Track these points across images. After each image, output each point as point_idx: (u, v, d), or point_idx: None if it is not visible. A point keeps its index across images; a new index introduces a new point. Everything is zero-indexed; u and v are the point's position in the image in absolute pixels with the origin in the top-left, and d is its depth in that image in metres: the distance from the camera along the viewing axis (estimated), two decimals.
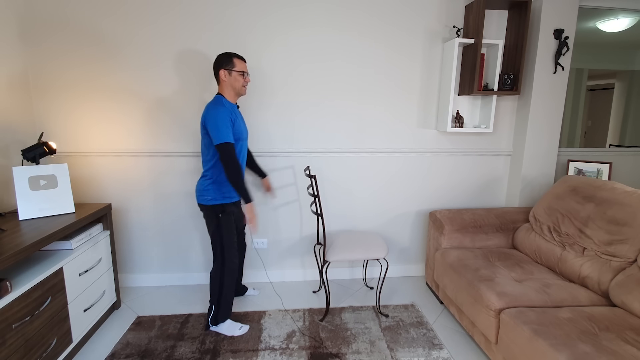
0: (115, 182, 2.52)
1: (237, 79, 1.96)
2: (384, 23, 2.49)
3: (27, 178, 1.92)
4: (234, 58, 1.95)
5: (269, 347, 1.99)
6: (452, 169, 2.76)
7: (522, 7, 2.39)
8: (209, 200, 1.99)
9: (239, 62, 1.96)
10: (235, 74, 1.95)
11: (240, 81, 1.97)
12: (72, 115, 2.41)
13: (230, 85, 1.97)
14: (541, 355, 1.40)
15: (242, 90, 2.00)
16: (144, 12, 2.32)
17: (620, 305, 1.66)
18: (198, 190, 2.03)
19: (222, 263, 2.03)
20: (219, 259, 2.04)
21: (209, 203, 1.99)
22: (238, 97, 2.04)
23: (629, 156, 2.93)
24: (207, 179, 2.00)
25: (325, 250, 2.21)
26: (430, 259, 2.55)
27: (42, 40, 2.30)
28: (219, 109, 1.88)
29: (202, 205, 2.03)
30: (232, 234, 2.04)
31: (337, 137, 2.61)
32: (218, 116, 1.85)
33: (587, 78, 3.35)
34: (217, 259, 2.05)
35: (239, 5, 2.37)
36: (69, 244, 1.90)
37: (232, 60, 1.94)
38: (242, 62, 1.99)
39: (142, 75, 2.39)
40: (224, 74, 1.94)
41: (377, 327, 2.17)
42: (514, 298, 1.72)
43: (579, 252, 1.95)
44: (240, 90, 2.00)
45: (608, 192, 1.96)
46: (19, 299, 1.49)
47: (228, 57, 1.94)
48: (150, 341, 2.03)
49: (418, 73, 2.59)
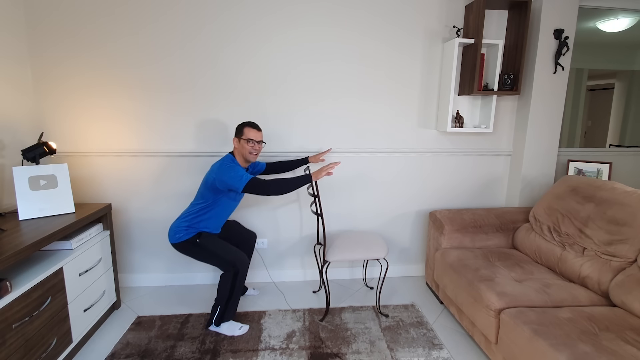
0: (115, 182, 2.52)
1: (245, 146, 2.07)
2: (384, 23, 2.49)
3: (27, 178, 1.92)
4: (245, 127, 2.07)
5: (269, 347, 1.99)
6: (452, 169, 2.76)
7: (522, 7, 2.39)
8: (180, 237, 2.04)
9: (249, 130, 2.07)
10: (243, 141, 2.06)
11: (247, 148, 2.07)
12: (72, 115, 2.41)
13: (239, 152, 2.10)
14: (541, 355, 1.40)
15: (249, 157, 2.10)
16: (144, 12, 2.32)
17: (620, 305, 1.66)
18: (171, 231, 2.08)
19: (234, 266, 2.03)
20: (229, 267, 2.04)
21: (181, 240, 2.04)
22: (247, 163, 2.15)
23: (629, 156, 2.93)
24: (182, 220, 2.07)
25: (325, 250, 2.21)
26: (430, 259, 2.55)
27: (42, 41, 2.30)
28: (234, 165, 2.01)
29: (175, 244, 2.07)
30: (222, 244, 2.06)
31: (337, 137, 2.61)
32: (234, 168, 1.99)
33: (587, 78, 3.35)
34: (228, 269, 2.05)
35: (239, 4, 2.37)
36: (69, 244, 1.90)
37: (243, 128, 2.07)
38: (254, 131, 2.08)
39: (142, 75, 2.39)
40: (235, 141, 2.10)
41: (377, 327, 2.17)
42: (514, 298, 1.72)
43: (579, 252, 1.95)
44: (248, 157, 2.09)
45: (608, 192, 1.96)
46: (19, 299, 1.49)
47: (240, 127, 2.09)
48: (150, 341, 2.03)
49: (418, 73, 2.59)
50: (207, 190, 2.06)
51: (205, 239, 2.05)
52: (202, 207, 2.07)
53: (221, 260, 2.04)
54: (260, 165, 2.37)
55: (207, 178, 2.06)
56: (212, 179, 2.02)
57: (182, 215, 2.10)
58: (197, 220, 2.07)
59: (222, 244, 2.06)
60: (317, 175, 2.02)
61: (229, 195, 2.09)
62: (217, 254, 2.03)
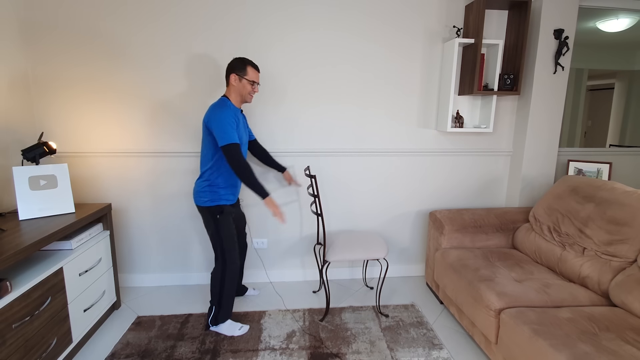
0: (115, 182, 2.52)
1: (246, 86, 1.99)
2: (384, 23, 2.49)
3: (27, 178, 1.92)
4: (247, 66, 1.98)
5: (269, 347, 1.99)
6: (452, 169, 2.76)
7: (522, 7, 2.39)
8: (205, 201, 1.99)
9: (252, 70, 1.99)
10: (245, 81, 1.98)
11: (248, 89, 2.00)
12: (72, 115, 2.41)
13: (238, 91, 2.00)
14: (541, 355, 1.40)
15: (248, 98, 2.04)
16: (145, 12, 2.32)
17: (620, 305, 1.66)
18: (195, 192, 2.03)
19: (224, 264, 2.03)
20: (220, 259, 2.04)
21: (206, 204, 2.00)
22: (243, 103, 2.07)
23: (629, 156, 2.93)
24: (203, 180, 2.01)
25: (325, 250, 2.21)
26: (430, 259, 2.55)
27: (42, 40, 2.30)
28: (225, 110, 1.89)
29: (199, 206, 2.03)
30: (232, 234, 2.04)
31: (337, 137, 2.61)
32: (223, 117, 1.87)
33: (587, 78, 3.35)
34: (219, 260, 2.05)
35: (240, 5, 2.37)
36: (69, 244, 1.90)
37: (246, 67, 1.98)
38: (255, 72, 2.02)
39: (142, 75, 2.39)
40: (234, 78, 1.97)
41: (377, 327, 2.17)
42: (514, 298, 1.72)
43: (579, 252, 1.95)
44: (246, 98, 2.04)
45: (608, 192, 1.96)
46: (19, 299, 1.49)
47: (242, 64, 1.97)
48: (150, 341, 2.03)
49: (418, 73, 2.59)
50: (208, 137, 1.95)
51: (224, 219, 2.00)
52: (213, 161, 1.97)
53: (221, 248, 2.02)
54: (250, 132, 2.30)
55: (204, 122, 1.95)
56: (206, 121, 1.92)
57: (201, 174, 2.02)
58: (214, 177, 1.98)
59: (232, 237, 2.03)
60: (269, 203, 1.95)
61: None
62: (221, 241, 2.01)
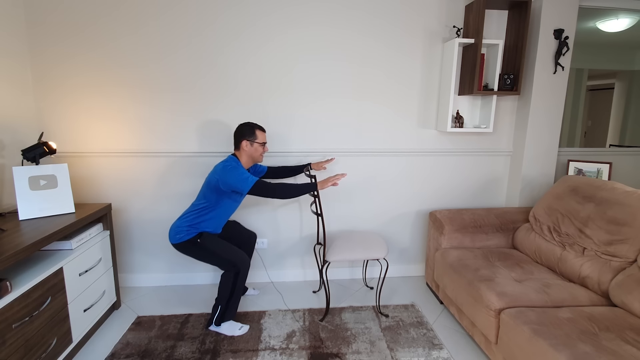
0: (115, 182, 2.52)
1: (258, 149, 2.12)
2: (384, 23, 2.49)
3: (27, 178, 1.92)
4: (256, 130, 2.10)
5: (269, 347, 1.99)
6: (452, 169, 2.76)
7: (522, 7, 2.39)
8: (181, 238, 2.04)
9: (260, 133, 2.11)
10: (257, 145, 2.10)
11: (260, 151, 2.12)
12: (72, 115, 2.41)
13: (250, 155, 2.12)
14: (541, 355, 1.40)
15: (259, 159, 2.17)
16: (145, 11, 2.32)
17: (620, 305, 1.66)
18: (172, 231, 2.07)
19: (234, 266, 2.03)
20: (230, 267, 2.04)
21: (182, 240, 2.04)
22: (253, 164, 2.19)
23: (629, 156, 2.93)
24: (183, 220, 2.06)
25: (325, 250, 2.21)
26: (430, 259, 2.55)
27: (42, 40, 2.30)
28: (239, 167, 2.03)
29: (176, 244, 2.06)
30: (222, 244, 2.06)
31: (337, 137, 2.61)
32: (239, 170, 2.00)
33: (587, 78, 3.35)
34: (229, 269, 2.05)
35: (239, 3, 2.37)
36: (69, 244, 1.90)
37: (255, 132, 2.09)
38: (263, 134, 2.14)
39: (142, 75, 2.39)
40: (246, 144, 2.09)
41: (377, 327, 2.17)
42: (514, 298, 1.72)
43: (579, 252, 1.95)
44: (258, 159, 2.16)
45: (608, 192, 1.96)
46: (19, 299, 1.49)
47: (251, 129, 2.08)
48: (150, 341, 2.03)
49: (418, 73, 2.59)
50: (210, 191, 2.06)
51: (206, 239, 2.05)
52: (204, 207, 2.07)
53: (222, 260, 2.04)
54: (260, 167, 2.36)
55: (210, 179, 2.06)
56: (215, 179, 2.02)
57: (183, 215, 2.10)
58: (198, 220, 2.06)
59: (222, 244, 2.06)
60: (322, 184, 2.05)
61: (231, 196, 2.09)
62: (217, 254, 2.03)
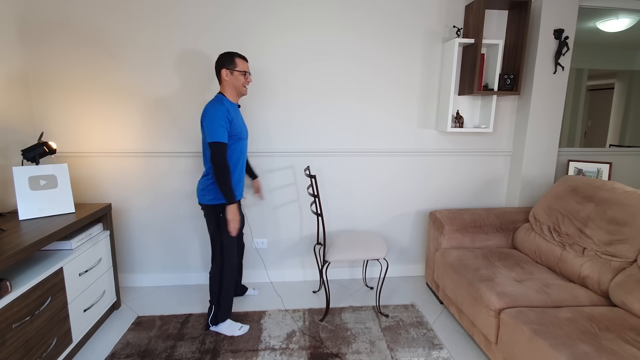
0: (115, 182, 2.52)
1: (239, 78, 1.97)
2: (384, 23, 2.49)
3: (27, 178, 1.92)
4: (236, 58, 1.96)
5: (269, 347, 1.99)
6: (452, 169, 2.76)
7: (522, 7, 2.39)
8: (210, 200, 1.99)
9: (241, 61, 1.97)
10: (237, 73, 1.96)
11: (241, 80, 1.98)
12: (72, 115, 2.41)
13: (232, 85, 1.98)
14: (541, 355, 1.40)
15: (243, 90, 2.02)
16: (144, 12, 2.32)
17: (620, 305, 1.66)
18: (199, 190, 2.03)
19: (222, 262, 2.03)
20: (218, 259, 2.04)
21: (210, 203, 1.99)
22: (239, 97, 2.06)
23: (629, 156, 2.93)
24: (208, 178, 2.00)
25: (325, 250, 2.21)
26: (430, 259, 2.55)
27: (42, 40, 2.30)
28: (217, 107, 1.88)
29: (203, 204, 2.02)
30: (232, 238, 2.04)
31: (337, 137, 2.61)
32: (215, 115, 1.86)
33: (587, 78, 3.35)
34: (216, 259, 2.05)
35: (239, 5, 2.37)
36: (69, 244, 1.90)
37: (234, 59, 1.95)
38: (244, 62, 2.00)
39: (142, 75, 2.39)
40: (225, 73, 1.95)
41: (377, 327, 2.17)
42: (514, 298, 1.72)
43: (579, 252, 1.95)
44: (241, 90, 2.01)
45: (608, 192, 1.95)
46: (19, 299, 1.49)
47: (230, 57, 1.95)
48: (150, 341, 2.03)
49: (418, 73, 2.59)
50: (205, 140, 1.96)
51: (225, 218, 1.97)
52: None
53: (220, 248, 2.02)
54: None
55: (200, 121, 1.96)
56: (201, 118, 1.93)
57: (205, 172, 2.02)
58: None
59: (231, 238, 2.03)
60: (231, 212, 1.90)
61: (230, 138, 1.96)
62: (222, 240, 2.01)
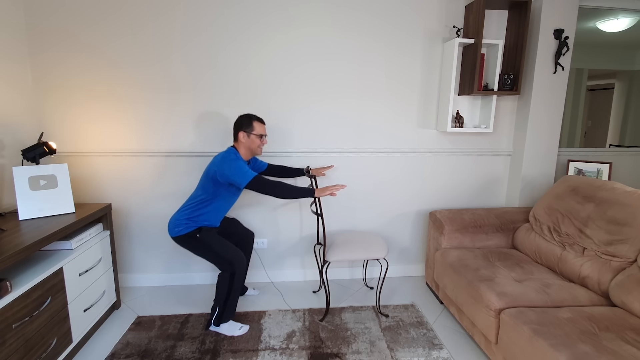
0: (115, 182, 2.52)
1: (255, 141, 2.10)
2: (384, 23, 2.49)
3: (27, 178, 1.92)
4: (254, 121, 2.08)
5: (269, 347, 1.99)
6: (452, 169, 2.76)
7: (522, 7, 2.39)
8: (180, 231, 2.04)
9: (258, 125, 2.10)
10: (253, 136, 2.09)
11: (257, 143, 2.11)
12: (72, 115, 2.41)
13: (247, 146, 2.10)
14: (541, 355, 1.40)
15: (257, 151, 2.14)
16: (144, 12, 2.32)
17: (620, 305, 1.66)
18: (171, 224, 2.07)
19: (231, 265, 2.03)
20: (226, 265, 2.04)
21: (181, 233, 2.04)
22: (252, 156, 2.18)
23: (629, 156, 2.93)
24: (182, 213, 2.07)
25: (325, 250, 2.21)
26: (430, 259, 2.55)
27: (42, 41, 2.30)
28: (238, 159, 2.02)
29: (175, 237, 2.06)
30: (221, 241, 2.06)
31: (337, 137, 2.61)
32: (238, 163, 1.99)
33: (587, 78, 3.35)
34: (224, 266, 2.05)
35: (239, 4, 2.37)
36: (69, 244, 1.90)
37: (252, 123, 2.08)
38: (262, 125, 2.12)
39: (142, 75, 2.39)
40: (242, 135, 2.08)
41: (377, 327, 2.17)
42: (514, 298, 1.72)
43: (579, 252, 1.95)
44: (256, 151, 2.13)
45: (608, 192, 1.95)
46: (19, 299, 1.49)
47: (249, 120, 2.08)
48: (150, 341, 2.03)
49: (418, 73, 2.59)
50: (208, 183, 2.05)
51: (205, 234, 2.05)
52: (202, 199, 2.06)
53: (219, 257, 2.03)
54: (260, 164, 2.36)
55: (209, 170, 2.05)
56: (213, 171, 2.01)
57: (182, 207, 2.09)
58: (196, 213, 2.06)
59: (221, 242, 2.06)
60: (320, 192, 2.03)
61: (229, 189, 2.08)
62: (215, 250, 2.03)
